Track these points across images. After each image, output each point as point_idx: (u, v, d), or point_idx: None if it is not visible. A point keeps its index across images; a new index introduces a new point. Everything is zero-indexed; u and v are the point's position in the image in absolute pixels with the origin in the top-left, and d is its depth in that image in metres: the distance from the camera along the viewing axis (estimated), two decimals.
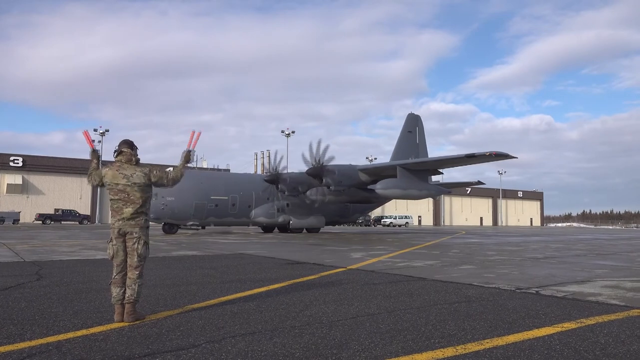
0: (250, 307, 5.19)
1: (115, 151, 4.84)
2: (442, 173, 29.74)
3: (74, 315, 4.68)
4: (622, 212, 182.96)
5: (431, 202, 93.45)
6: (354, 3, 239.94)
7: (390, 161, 33.44)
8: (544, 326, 4.37)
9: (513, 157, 23.19)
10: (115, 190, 4.69)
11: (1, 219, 48.77)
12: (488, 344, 3.77)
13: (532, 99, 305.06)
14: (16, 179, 58.68)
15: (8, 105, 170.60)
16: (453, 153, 35.70)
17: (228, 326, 4.28)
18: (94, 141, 5.00)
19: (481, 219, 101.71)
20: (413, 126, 37.22)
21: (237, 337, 3.92)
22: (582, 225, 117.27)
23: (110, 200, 4.74)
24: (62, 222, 52.24)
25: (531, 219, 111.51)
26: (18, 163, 59.34)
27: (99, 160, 5.11)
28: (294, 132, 63.01)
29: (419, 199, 30.64)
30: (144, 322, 4.42)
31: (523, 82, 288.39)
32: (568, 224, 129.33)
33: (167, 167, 5.27)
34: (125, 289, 4.55)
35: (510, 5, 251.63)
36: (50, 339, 3.80)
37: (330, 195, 26.71)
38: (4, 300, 5.44)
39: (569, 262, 11.14)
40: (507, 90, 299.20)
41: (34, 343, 3.68)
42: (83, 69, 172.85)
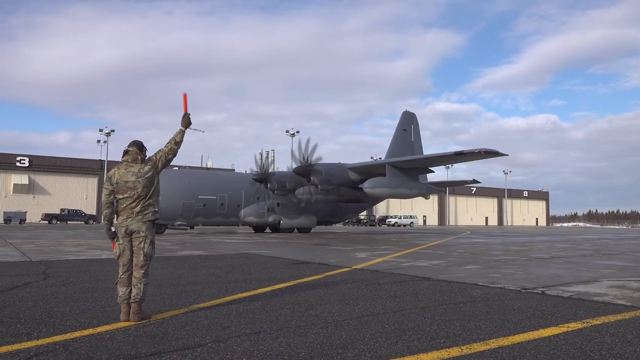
0: (255, 306, 5.20)
1: (124, 151, 4.87)
2: (433, 171, 29.09)
3: (81, 315, 4.70)
4: (628, 212, 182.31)
5: (436, 202, 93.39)
6: (358, 2, 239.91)
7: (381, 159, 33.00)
8: (550, 326, 4.35)
9: (503, 155, 22.80)
10: (125, 188, 4.69)
11: (8, 218, 49.16)
12: (493, 344, 3.76)
13: (538, 99, 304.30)
14: (22, 179, 59.06)
15: (13, 105, 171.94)
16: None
17: (233, 326, 4.30)
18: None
19: (486, 218, 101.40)
20: (408, 124, 36.50)
21: (242, 336, 3.93)
22: (588, 225, 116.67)
23: (118, 200, 4.73)
24: (68, 222, 52.51)
25: (537, 218, 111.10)
26: (24, 163, 59.70)
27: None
28: (298, 131, 62.89)
29: (408, 198, 30.08)
30: (149, 322, 4.43)
31: (528, 81, 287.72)
32: (574, 223, 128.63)
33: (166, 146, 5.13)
34: (131, 289, 4.57)
35: (516, 4, 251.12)
36: (57, 338, 3.82)
37: (319, 194, 26.27)
38: (11, 300, 5.48)
39: (575, 262, 11.09)
40: (513, 89, 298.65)
41: (41, 342, 3.71)
42: (88, 69, 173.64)
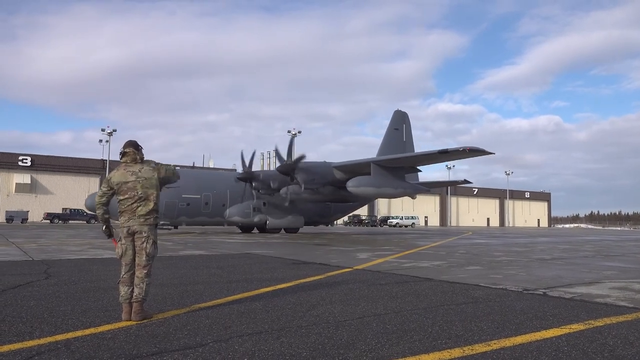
0: (257, 306, 5.20)
1: (121, 153, 4.87)
2: (420, 170, 28.68)
3: (82, 314, 4.71)
4: (630, 213, 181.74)
5: (438, 203, 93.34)
6: (361, 3, 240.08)
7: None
8: (552, 327, 4.35)
9: (489, 153, 22.49)
10: (125, 189, 4.69)
11: (10, 218, 49.26)
12: (495, 345, 3.76)
13: (540, 100, 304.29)
14: (25, 178, 59.13)
15: (16, 104, 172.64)
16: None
17: (235, 325, 4.30)
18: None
19: (488, 219, 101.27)
20: (400, 123, 35.95)
21: (244, 336, 3.93)
22: (589, 226, 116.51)
23: (120, 201, 4.73)
24: (70, 222, 52.57)
25: (538, 220, 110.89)
26: (27, 163, 59.76)
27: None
28: (300, 132, 63.05)
29: (394, 198, 29.42)
30: (151, 321, 4.44)
31: (531, 82, 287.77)
32: (576, 225, 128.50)
33: (171, 165, 5.24)
34: (133, 288, 4.57)
35: (519, 5, 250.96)
36: (59, 337, 3.83)
37: (304, 193, 25.72)
38: (13, 299, 5.49)
39: (577, 263, 11.07)
40: (515, 91, 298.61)
41: (42, 341, 3.71)
42: (90, 69, 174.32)
